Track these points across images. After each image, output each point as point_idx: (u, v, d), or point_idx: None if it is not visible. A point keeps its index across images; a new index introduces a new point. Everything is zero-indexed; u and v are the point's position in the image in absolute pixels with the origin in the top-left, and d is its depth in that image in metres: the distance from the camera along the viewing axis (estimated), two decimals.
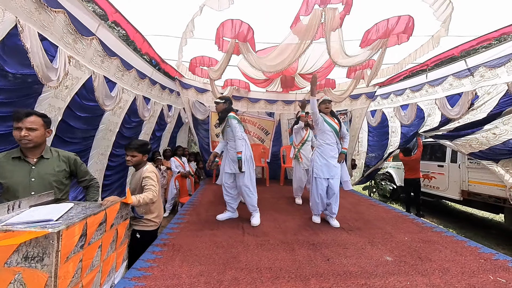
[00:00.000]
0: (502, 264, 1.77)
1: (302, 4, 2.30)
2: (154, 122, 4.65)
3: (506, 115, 3.25)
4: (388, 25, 2.46)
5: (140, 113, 3.84)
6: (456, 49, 3.09)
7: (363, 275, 1.59)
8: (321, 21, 2.25)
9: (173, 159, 4.60)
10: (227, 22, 2.63)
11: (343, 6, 2.13)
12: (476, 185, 3.99)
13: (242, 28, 2.63)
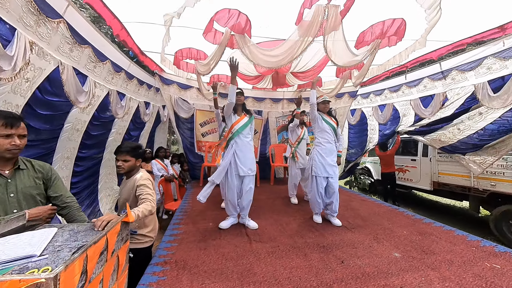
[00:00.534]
0: (490, 250, 1.95)
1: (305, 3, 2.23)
2: (129, 121, 4.17)
3: (474, 111, 3.66)
4: (384, 27, 2.53)
5: (113, 110, 3.37)
6: (434, 53, 3.34)
7: (381, 275, 1.60)
8: (324, 17, 2.20)
9: (154, 162, 4.20)
10: (223, 12, 2.41)
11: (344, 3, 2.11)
12: (445, 177, 4.45)
13: (240, 19, 2.44)
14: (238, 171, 2.43)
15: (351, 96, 5.24)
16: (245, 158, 2.45)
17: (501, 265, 1.71)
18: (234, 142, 2.49)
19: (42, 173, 1.30)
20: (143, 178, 1.71)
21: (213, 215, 2.84)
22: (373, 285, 1.49)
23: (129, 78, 3.64)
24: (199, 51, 3.40)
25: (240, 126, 2.49)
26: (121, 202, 1.80)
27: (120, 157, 1.68)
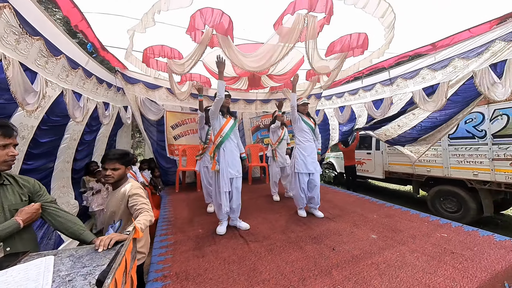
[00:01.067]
0: (437, 223, 2.45)
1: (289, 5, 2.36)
2: (84, 124, 3.66)
3: (409, 112, 4.47)
4: (351, 39, 2.88)
5: (70, 112, 2.91)
6: (386, 62, 3.94)
7: (366, 256, 1.85)
8: (304, 25, 2.37)
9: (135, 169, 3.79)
10: (206, 10, 2.35)
11: (325, 15, 2.32)
12: (394, 166, 5.29)
13: (223, 19, 2.42)
14: (228, 174, 2.43)
15: (317, 98, 5.71)
16: (233, 161, 2.48)
17: (447, 234, 2.18)
18: (224, 146, 2.47)
19: (28, 187, 1.21)
20: (135, 187, 1.58)
21: (200, 221, 2.75)
22: (363, 265, 1.73)
23: (87, 76, 3.20)
24: (173, 50, 3.20)
25: (229, 129, 2.50)
26: (107, 216, 1.61)
27: (109, 165, 1.53)
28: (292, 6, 2.23)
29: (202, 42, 2.65)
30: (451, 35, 3.11)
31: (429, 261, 1.73)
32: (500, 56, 2.71)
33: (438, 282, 1.49)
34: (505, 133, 3.51)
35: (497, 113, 3.60)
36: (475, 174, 3.85)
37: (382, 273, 1.61)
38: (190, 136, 4.74)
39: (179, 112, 4.66)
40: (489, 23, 2.73)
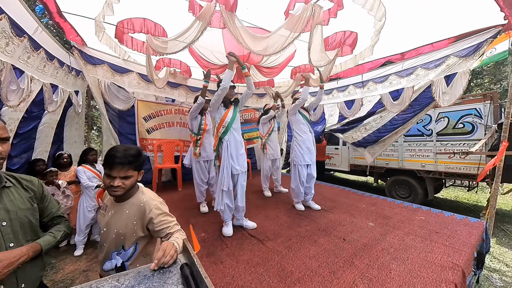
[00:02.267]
0: (411, 208, 2.88)
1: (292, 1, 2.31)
2: (24, 111, 2.83)
3: (377, 114, 5.07)
4: (344, 36, 3.04)
5: (3, 94, 2.19)
6: (361, 66, 4.34)
7: (374, 243, 2.03)
8: (311, 14, 2.35)
9: (81, 169, 3.09)
10: None
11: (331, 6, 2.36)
12: (358, 160, 5.96)
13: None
14: (232, 170, 2.27)
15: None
16: (238, 155, 2.33)
17: (424, 217, 2.58)
18: (228, 139, 2.29)
19: (34, 190, 1.03)
20: (158, 201, 1.18)
21: (197, 223, 2.50)
22: (375, 251, 1.88)
23: (34, 49, 2.48)
24: (157, 25, 2.72)
25: (231, 118, 2.33)
26: (110, 238, 1.13)
27: (119, 172, 1.04)
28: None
29: (201, 16, 2.32)
30: (417, 47, 3.63)
31: (423, 242, 2.02)
32: (452, 69, 3.32)
33: (439, 258, 1.75)
34: (446, 132, 4.37)
35: (441, 116, 4.44)
36: (423, 166, 4.68)
37: (394, 257, 1.79)
38: (166, 130, 4.22)
39: (153, 102, 4.07)
40: (447, 40, 3.30)
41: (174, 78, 4.11)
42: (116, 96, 3.65)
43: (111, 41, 3.09)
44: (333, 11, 2.40)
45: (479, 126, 3.99)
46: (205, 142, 2.94)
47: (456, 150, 4.08)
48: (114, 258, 1.14)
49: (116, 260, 1.13)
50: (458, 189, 6.02)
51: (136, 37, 2.95)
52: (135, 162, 1.10)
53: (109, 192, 1.11)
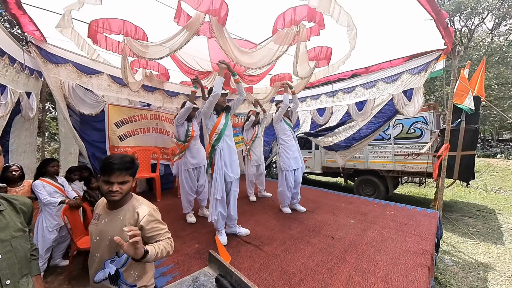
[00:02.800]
0: (381, 204, 3.27)
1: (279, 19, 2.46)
2: None
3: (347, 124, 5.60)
4: (321, 51, 3.32)
5: None
6: (332, 77, 4.77)
7: (359, 238, 2.25)
8: (297, 30, 2.53)
9: (39, 183, 2.67)
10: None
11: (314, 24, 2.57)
12: (329, 162, 6.45)
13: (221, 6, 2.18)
14: (226, 178, 2.26)
15: (271, 102, 6.10)
16: (231, 162, 2.33)
17: (393, 211, 2.96)
18: (221, 146, 2.27)
19: (26, 212, 0.93)
20: (151, 208, 1.20)
21: (188, 235, 2.39)
22: (361, 246, 2.09)
23: None
24: (137, 28, 2.57)
25: (223, 124, 2.32)
26: (104, 246, 1.12)
27: (117, 177, 1.09)
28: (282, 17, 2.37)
29: (189, 26, 2.28)
30: (379, 63, 4.18)
31: (397, 233, 2.32)
32: (407, 85, 3.91)
33: (412, 247, 2.04)
34: (401, 136, 5.08)
35: (397, 122, 5.14)
36: (384, 166, 5.33)
37: (377, 249, 2.02)
38: (141, 136, 3.92)
39: (127, 107, 3.74)
40: (402, 59, 3.89)
41: (150, 81, 3.87)
42: (82, 100, 3.27)
43: (80, 39, 2.79)
44: (315, 29, 2.63)
45: (426, 131, 4.75)
46: (193, 149, 2.84)
47: (410, 152, 4.78)
48: (107, 266, 1.13)
49: (109, 269, 1.13)
50: (410, 185, 6.99)
51: (112, 36, 2.72)
52: (131, 168, 1.16)
53: (106, 197, 1.14)
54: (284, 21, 2.48)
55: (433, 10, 2.41)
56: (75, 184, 3.31)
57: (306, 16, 2.32)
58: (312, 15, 2.32)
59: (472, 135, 4.03)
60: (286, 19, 2.43)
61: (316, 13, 2.34)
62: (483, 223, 4.29)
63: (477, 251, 3.24)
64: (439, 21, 2.63)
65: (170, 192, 4.11)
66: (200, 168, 2.88)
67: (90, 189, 3.45)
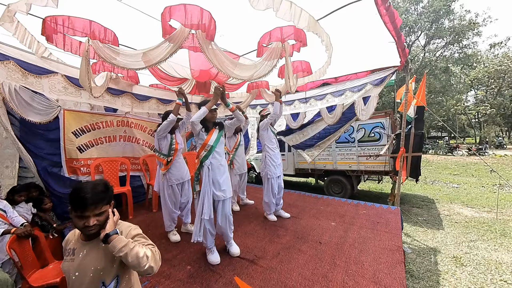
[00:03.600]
0: (354, 204, 3.61)
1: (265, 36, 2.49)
2: None
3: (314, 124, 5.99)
4: (301, 65, 3.48)
5: None
6: (304, 86, 5.03)
7: (342, 240, 2.44)
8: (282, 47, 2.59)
9: None
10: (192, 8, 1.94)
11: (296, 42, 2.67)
12: (301, 164, 6.80)
13: (204, 18, 2.08)
14: (214, 197, 2.17)
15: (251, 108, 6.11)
16: (219, 180, 2.18)
17: (364, 210, 3.29)
18: (209, 163, 2.17)
19: None
20: (132, 226, 1.16)
21: (176, 256, 2.21)
22: (347, 248, 2.28)
23: None
24: (107, 30, 2.25)
25: (214, 141, 2.21)
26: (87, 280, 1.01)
27: (92, 211, 1.01)
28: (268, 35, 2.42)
29: (173, 39, 2.11)
30: (346, 74, 4.59)
31: (373, 232, 2.59)
32: (368, 93, 4.40)
33: (388, 243, 2.31)
34: (363, 140, 5.68)
35: (360, 127, 5.73)
36: (350, 166, 5.88)
37: (360, 250, 2.22)
38: (105, 146, 3.44)
39: (88, 113, 3.23)
40: (366, 72, 4.35)
41: (116, 84, 3.44)
42: (29, 105, 2.71)
43: (27, 34, 2.31)
44: (297, 46, 2.73)
45: (383, 135, 5.42)
46: (177, 163, 2.65)
47: (371, 153, 5.39)
48: None
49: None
50: (368, 182, 7.85)
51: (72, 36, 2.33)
52: (106, 197, 1.07)
53: (83, 232, 1.04)
54: (270, 38, 2.52)
55: (396, 35, 2.76)
56: (21, 206, 2.75)
57: (293, 34, 2.40)
58: (298, 34, 2.41)
59: (419, 139, 4.77)
60: (272, 37, 2.47)
61: (301, 32, 2.44)
62: (427, 212, 5.13)
63: (426, 237, 3.86)
64: (399, 43, 3.02)
65: (142, 206, 3.74)
66: (184, 183, 2.70)
67: (41, 211, 2.91)
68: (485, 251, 3.38)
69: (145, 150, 3.96)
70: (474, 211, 5.16)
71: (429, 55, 17.27)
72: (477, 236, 3.88)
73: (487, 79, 18.89)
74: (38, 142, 2.88)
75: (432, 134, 32.46)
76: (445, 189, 7.26)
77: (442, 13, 14.70)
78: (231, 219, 2.21)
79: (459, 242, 3.65)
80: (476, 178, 8.69)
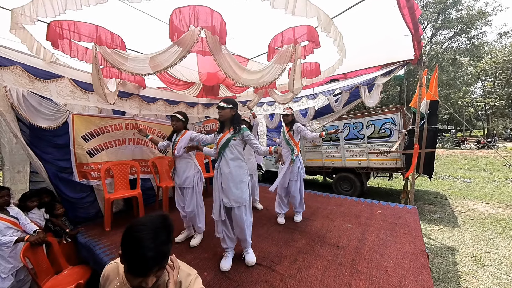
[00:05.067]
0: (368, 203, 3.51)
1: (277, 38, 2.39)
2: None
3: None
4: (310, 67, 3.36)
5: None
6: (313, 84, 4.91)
7: (361, 244, 2.36)
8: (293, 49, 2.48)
9: None
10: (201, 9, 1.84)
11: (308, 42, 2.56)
12: (309, 161, 6.70)
13: (215, 20, 1.98)
14: (221, 202, 2.09)
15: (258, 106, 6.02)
16: (228, 187, 2.06)
17: (380, 210, 3.20)
18: (218, 167, 2.10)
19: None
20: (192, 274, 0.99)
21: (190, 262, 2.16)
22: (366, 252, 2.20)
23: None
24: (114, 35, 2.17)
25: (222, 145, 2.13)
26: None
27: (155, 273, 0.83)
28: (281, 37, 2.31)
29: (182, 43, 2.02)
30: (356, 70, 4.45)
31: (392, 234, 2.51)
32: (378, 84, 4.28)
33: (409, 246, 2.23)
34: (373, 136, 5.55)
35: (369, 123, 5.59)
36: (359, 163, 5.77)
37: (381, 254, 2.15)
38: (115, 149, 3.40)
39: (96, 116, 3.18)
40: (377, 67, 4.21)
41: (123, 87, 3.38)
42: (37, 110, 2.66)
43: (32, 40, 2.24)
44: (309, 48, 2.61)
45: (394, 131, 5.28)
46: (177, 167, 2.61)
47: (381, 150, 5.27)
48: None
49: None
50: (377, 178, 7.73)
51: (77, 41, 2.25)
52: (169, 249, 0.87)
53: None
54: (283, 40, 2.40)
55: (413, 27, 2.62)
56: (33, 212, 2.73)
57: (306, 34, 2.29)
58: (311, 34, 2.30)
59: (433, 135, 4.62)
60: (284, 38, 2.36)
61: (315, 32, 2.32)
62: (440, 209, 5.01)
63: (442, 235, 3.76)
64: (416, 36, 2.88)
65: (152, 209, 3.71)
66: (188, 189, 2.60)
67: (54, 217, 2.89)
68: (506, 249, 3.28)
69: (154, 153, 3.91)
70: (489, 207, 5.03)
71: (436, 47, 16.83)
72: (495, 233, 3.77)
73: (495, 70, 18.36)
74: (47, 147, 2.84)
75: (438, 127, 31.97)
76: (457, 184, 7.10)
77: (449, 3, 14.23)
78: (243, 227, 2.08)
79: (477, 240, 3.55)
80: (488, 172, 8.49)
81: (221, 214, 2.07)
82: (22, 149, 2.66)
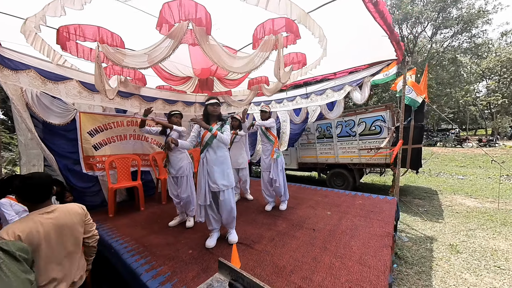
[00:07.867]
0: (351, 195, 3.74)
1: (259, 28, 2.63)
2: None
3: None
4: (297, 57, 3.60)
5: None
6: (302, 80, 5.14)
7: (335, 228, 2.60)
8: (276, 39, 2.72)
9: (6, 201, 2.46)
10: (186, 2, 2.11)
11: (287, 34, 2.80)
12: (304, 158, 6.94)
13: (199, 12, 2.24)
14: (210, 187, 2.37)
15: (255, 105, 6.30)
16: (213, 173, 2.33)
17: (361, 200, 3.43)
18: (204, 156, 2.38)
19: (27, 259, 0.87)
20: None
21: (180, 241, 2.45)
22: (338, 234, 2.44)
23: None
24: (114, 35, 2.48)
25: (209, 138, 2.40)
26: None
27: None
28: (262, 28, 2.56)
29: (172, 35, 2.30)
30: (345, 69, 4.66)
31: (366, 220, 2.74)
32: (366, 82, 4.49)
33: (378, 230, 2.46)
34: (364, 133, 5.75)
35: (361, 121, 5.79)
36: (351, 160, 5.97)
37: (351, 236, 2.39)
38: (117, 144, 3.74)
39: (100, 114, 3.52)
40: (364, 66, 4.43)
41: (125, 87, 3.70)
42: (49, 109, 3.00)
43: (44, 44, 2.57)
44: (291, 38, 2.86)
45: (384, 128, 5.47)
46: (171, 159, 2.90)
47: (372, 146, 5.46)
48: None
49: None
50: (372, 175, 7.91)
51: (83, 43, 2.57)
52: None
53: None
54: (264, 30, 2.65)
55: (388, 29, 2.84)
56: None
57: (284, 26, 2.53)
58: (289, 26, 2.54)
59: (419, 131, 4.81)
60: (265, 29, 2.61)
61: (293, 24, 2.56)
62: (429, 203, 5.18)
63: (425, 227, 3.95)
64: (392, 38, 3.09)
65: (152, 199, 4.03)
66: (182, 178, 2.93)
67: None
68: (483, 239, 3.46)
69: (153, 148, 4.23)
70: (477, 201, 5.17)
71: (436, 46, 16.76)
72: (477, 225, 3.93)
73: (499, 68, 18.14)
74: (58, 142, 3.18)
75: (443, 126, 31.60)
76: (450, 180, 7.22)
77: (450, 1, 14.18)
78: (229, 209, 2.36)
79: (457, 231, 3.73)
80: (483, 170, 8.55)
81: (207, 199, 2.34)
82: (36, 144, 3.00)
